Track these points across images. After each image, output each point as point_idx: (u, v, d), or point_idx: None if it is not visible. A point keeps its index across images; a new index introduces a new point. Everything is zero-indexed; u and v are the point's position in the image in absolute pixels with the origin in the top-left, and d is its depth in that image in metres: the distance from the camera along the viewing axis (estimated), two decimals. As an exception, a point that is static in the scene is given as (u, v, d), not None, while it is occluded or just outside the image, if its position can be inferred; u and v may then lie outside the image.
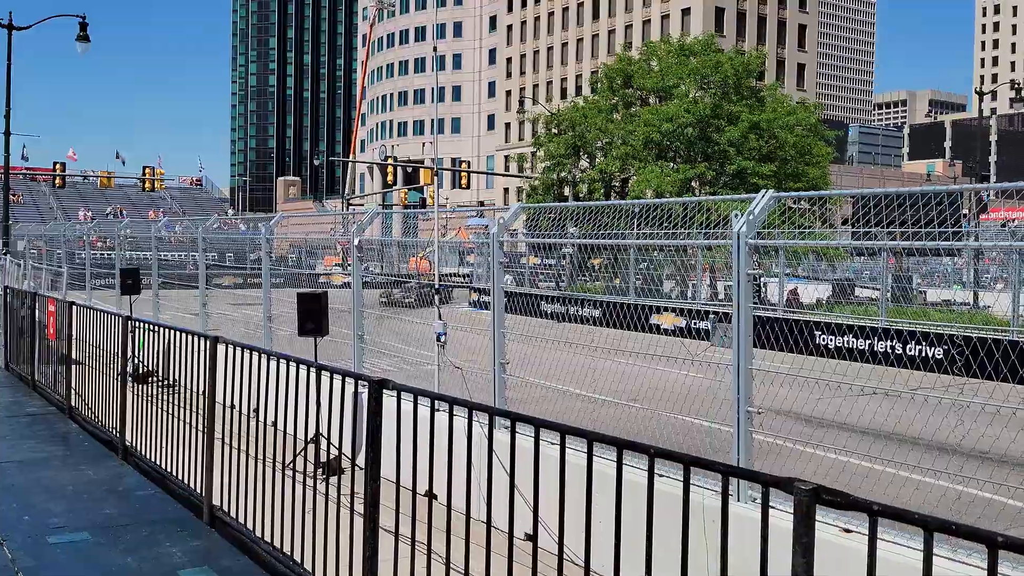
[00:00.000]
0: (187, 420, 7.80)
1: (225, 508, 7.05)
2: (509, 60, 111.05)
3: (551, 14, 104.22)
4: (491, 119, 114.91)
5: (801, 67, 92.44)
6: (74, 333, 11.55)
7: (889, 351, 16.42)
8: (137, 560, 6.56)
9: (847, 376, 6.90)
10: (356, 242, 11.24)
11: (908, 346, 16.17)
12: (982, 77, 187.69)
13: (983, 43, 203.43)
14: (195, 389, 7.70)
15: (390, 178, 74.18)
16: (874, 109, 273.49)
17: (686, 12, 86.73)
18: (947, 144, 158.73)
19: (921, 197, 6.38)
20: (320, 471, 7.12)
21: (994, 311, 20.88)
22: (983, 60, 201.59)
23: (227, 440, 7.04)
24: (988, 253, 27.44)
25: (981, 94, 56.99)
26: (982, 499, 6.48)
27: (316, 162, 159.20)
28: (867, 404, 7.28)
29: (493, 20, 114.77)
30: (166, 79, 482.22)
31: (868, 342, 17.27)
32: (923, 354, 15.49)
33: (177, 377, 8.25)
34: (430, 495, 4.92)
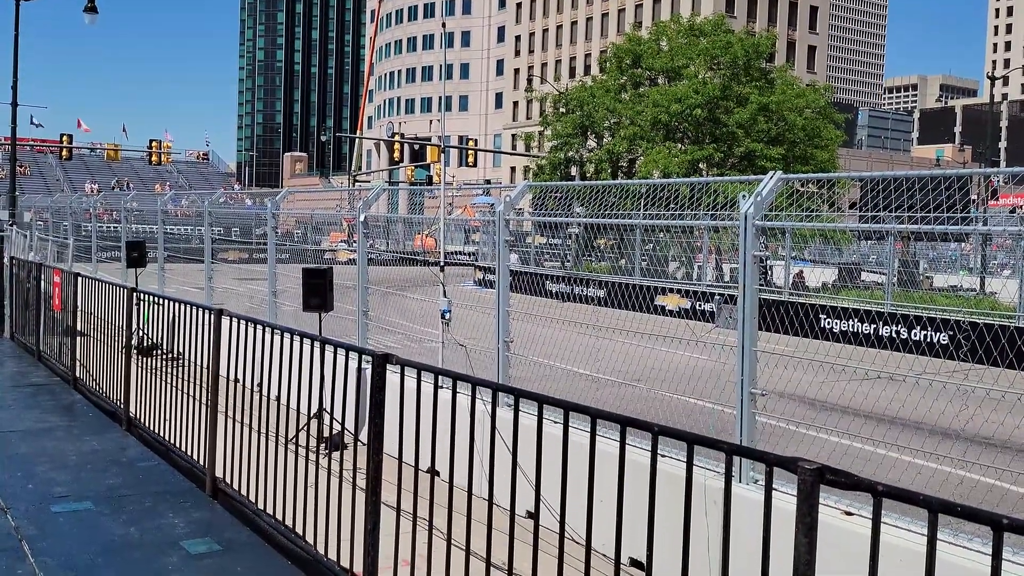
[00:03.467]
0: (191, 393, 7.82)
1: (228, 480, 7.08)
2: (518, 38, 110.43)
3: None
4: (499, 97, 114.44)
5: (812, 49, 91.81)
6: (79, 304, 11.57)
7: (895, 336, 16.39)
8: (139, 530, 6.59)
9: (852, 360, 6.88)
10: (362, 218, 11.22)
11: (914, 331, 16.14)
12: (994, 62, 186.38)
13: (996, 28, 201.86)
14: (199, 362, 7.72)
15: (397, 155, 74.01)
16: (884, 93, 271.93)
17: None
18: (957, 129, 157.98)
19: (931, 181, 6.33)
20: (323, 446, 7.14)
21: (1001, 297, 20.82)
22: (995, 45, 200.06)
23: (230, 413, 7.06)
24: (996, 239, 27.34)
25: (993, 79, 56.59)
26: (984, 485, 6.47)
27: (323, 138, 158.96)
28: (871, 388, 7.26)
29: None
30: (174, 53, 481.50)
31: (873, 326, 17.23)
32: (928, 339, 15.45)
33: (181, 350, 8.27)
34: (432, 472, 4.92)
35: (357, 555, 5.36)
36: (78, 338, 11.60)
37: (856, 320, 17.49)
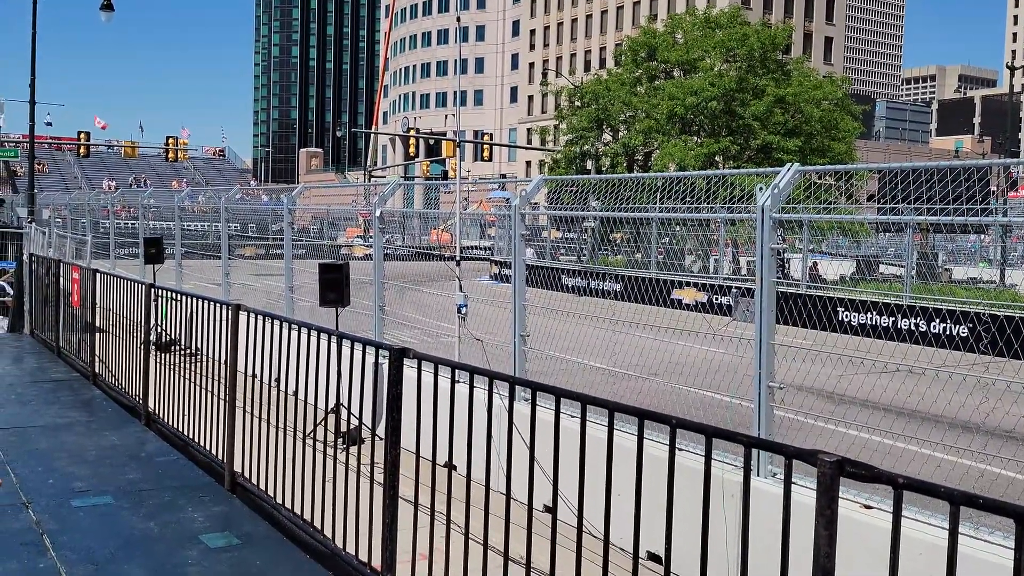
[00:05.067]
0: (209, 388, 7.86)
1: (246, 475, 7.11)
2: (533, 32, 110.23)
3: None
4: (514, 91, 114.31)
5: (829, 40, 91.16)
6: (98, 301, 11.65)
7: (913, 328, 16.28)
8: (159, 524, 6.64)
9: (870, 353, 6.83)
10: (378, 214, 11.23)
11: (933, 324, 16.01)
12: (1013, 52, 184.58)
13: (1015, 17, 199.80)
14: (217, 358, 7.75)
15: (412, 150, 74.07)
16: (902, 84, 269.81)
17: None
18: (976, 120, 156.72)
19: (949, 172, 6.28)
20: (340, 441, 7.16)
21: (1021, 289, 20.64)
22: (1015, 35, 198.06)
23: (248, 409, 7.09)
24: (1016, 230, 27.09)
25: (1012, 69, 56.01)
26: (1005, 478, 6.42)
27: (338, 134, 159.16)
28: (890, 381, 7.21)
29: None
30: (190, 49, 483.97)
31: (892, 319, 17.12)
32: (948, 332, 15.33)
33: (199, 346, 8.31)
34: (449, 466, 4.92)
35: (375, 549, 5.37)
36: (97, 334, 11.68)
37: (875, 313, 17.38)
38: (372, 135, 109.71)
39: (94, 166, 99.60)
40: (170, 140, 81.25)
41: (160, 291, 9.80)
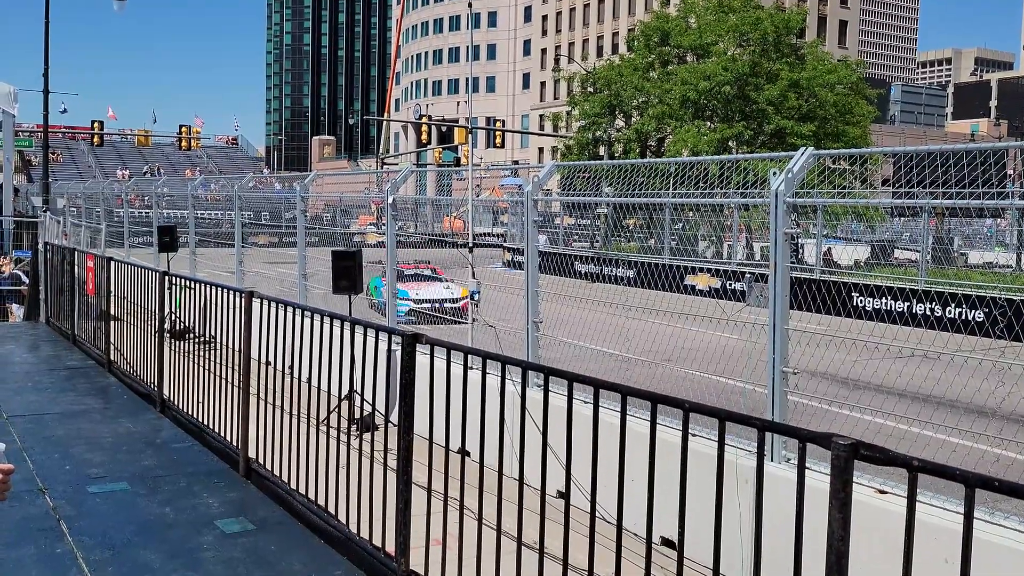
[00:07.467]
0: (223, 375, 7.89)
1: (261, 461, 7.15)
2: (545, 18, 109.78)
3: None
4: (526, 78, 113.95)
5: (843, 24, 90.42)
6: (112, 289, 11.71)
7: (929, 313, 16.18)
8: (174, 510, 6.69)
9: (885, 338, 6.80)
10: (390, 201, 11.23)
11: (948, 308, 15.91)
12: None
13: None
14: (231, 345, 7.78)
15: (424, 137, 73.99)
16: (917, 67, 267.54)
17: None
18: (992, 103, 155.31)
19: (965, 156, 6.21)
20: (354, 427, 7.18)
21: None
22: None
23: (262, 395, 7.12)
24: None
25: (1029, 52, 55.39)
26: (1021, 463, 6.38)
27: (351, 121, 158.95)
28: (905, 366, 7.16)
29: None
30: (202, 38, 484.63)
31: (907, 304, 17.02)
32: (964, 316, 15.23)
33: (213, 333, 8.34)
34: (463, 452, 4.93)
35: (389, 534, 5.40)
36: (112, 322, 11.75)
37: (890, 298, 17.28)
38: (384, 122, 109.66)
39: (108, 155, 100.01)
40: (183, 129, 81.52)
41: (174, 279, 9.84)
